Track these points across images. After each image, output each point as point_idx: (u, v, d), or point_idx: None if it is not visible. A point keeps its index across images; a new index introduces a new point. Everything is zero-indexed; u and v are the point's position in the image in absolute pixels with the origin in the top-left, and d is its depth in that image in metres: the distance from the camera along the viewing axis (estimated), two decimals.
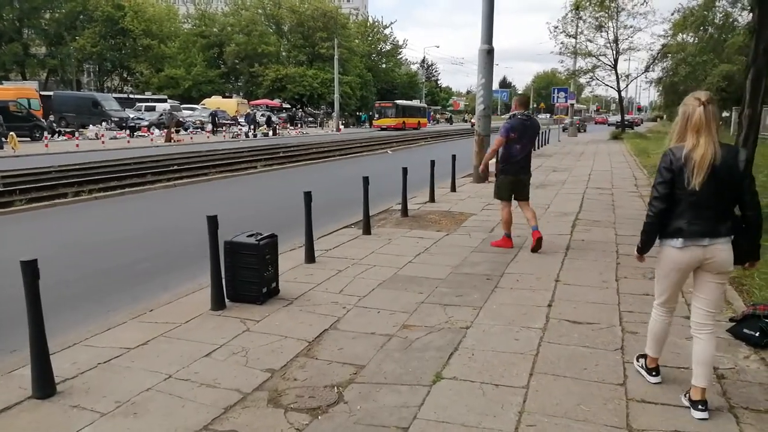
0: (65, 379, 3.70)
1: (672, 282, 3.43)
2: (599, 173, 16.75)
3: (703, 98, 3.18)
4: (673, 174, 3.20)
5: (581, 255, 6.95)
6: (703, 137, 3.12)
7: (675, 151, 3.22)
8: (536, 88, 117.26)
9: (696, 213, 3.20)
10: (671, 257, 3.33)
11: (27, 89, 37.27)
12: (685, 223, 3.23)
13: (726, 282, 3.45)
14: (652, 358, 3.68)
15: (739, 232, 3.26)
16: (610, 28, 35.97)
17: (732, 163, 3.15)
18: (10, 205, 10.95)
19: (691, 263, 3.28)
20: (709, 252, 3.22)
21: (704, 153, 3.10)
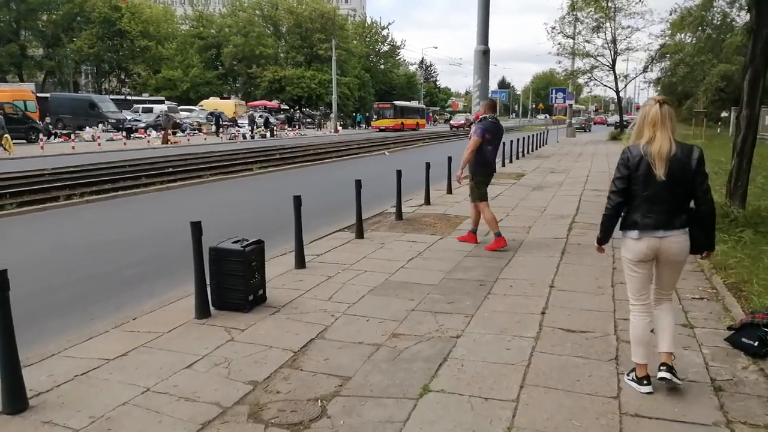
0: (39, 393, 3.57)
1: (637, 273, 3.59)
2: (597, 175, 16.63)
3: (659, 99, 3.46)
4: (629, 170, 3.45)
5: (577, 259, 6.83)
6: (659, 132, 3.36)
7: (632, 149, 3.46)
8: (535, 88, 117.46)
9: (650, 207, 3.43)
10: (629, 247, 3.56)
11: (23, 91, 37.10)
12: (639, 216, 3.47)
13: (680, 270, 3.66)
14: (640, 365, 3.60)
15: (694, 225, 3.49)
16: (607, 28, 35.90)
17: (685, 160, 3.37)
18: (0, 209, 10.80)
19: (649, 253, 3.50)
20: (665, 243, 3.46)
21: (661, 145, 3.33)
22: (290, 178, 17.16)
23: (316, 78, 61.17)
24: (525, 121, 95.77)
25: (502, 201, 11.53)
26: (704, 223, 3.50)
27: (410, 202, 11.01)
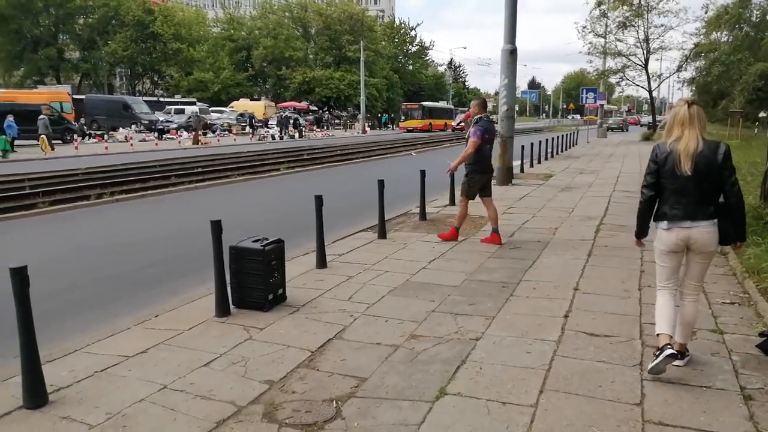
0: (59, 388, 3.62)
1: (667, 261, 3.81)
2: (628, 176, 16.29)
3: (689, 100, 3.71)
4: (658, 165, 3.72)
5: (603, 262, 6.67)
6: (687, 130, 3.58)
7: (660, 146, 3.73)
8: (565, 88, 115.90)
9: (677, 199, 3.66)
10: (660, 238, 3.78)
11: (60, 93, 38.04)
12: (668, 207, 3.71)
13: (709, 260, 3.80)
14: (663, 335, 3.72)
15: (722, 217, 3.66)
16: (639, 27, 35.20)
17: (711, 156, 3.55)
18: (32, 207, 11.08)
19: (679, 243, 3.70)
20: (692, 233, 3.65)
21: (688, 143, 3.56)
22: (317, 178, 17.22)
23: (345, 79, 61.39)
24: (555, 121, 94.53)
25: (529, 202, 11.37)
26: (733, 216, 3.65)
27: (435, 203, 10.93)
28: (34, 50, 59.56)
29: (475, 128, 7.42)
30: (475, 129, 7.41)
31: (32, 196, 12.15)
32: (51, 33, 60.66)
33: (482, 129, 7.40)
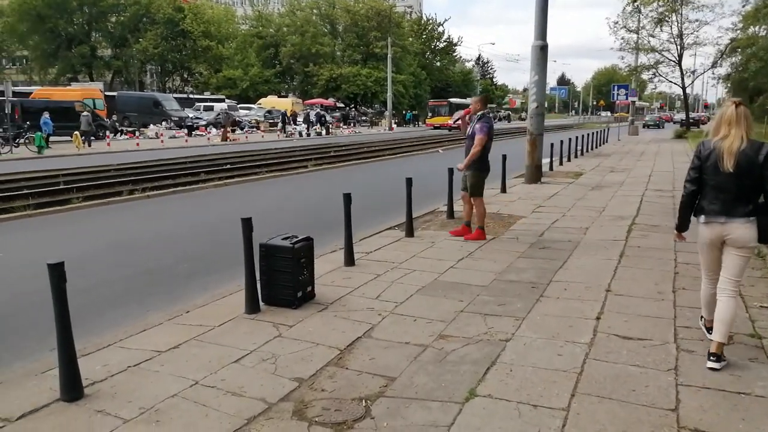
0: (94, 382, 3.69)
1: (706, 254, 4.03)
2: (660, 174, 15.99)
3: (736, 101, 3.84)
4: (701, 161, 3.86)
5: (636, 263, 6.55)
6: (733, 129, 3.72)
7: (705, 143, 3.88)
8: (596, 85, 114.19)
9: (716, 195, 3.81)
10: (699, 231, 3.98)
11: (92, 90, 38.85)
12: (707, 203, 3.87)
13: (747, 256, 3.87)
14: (708, 319, 4.18)
15: (762, 215, 3.76)
16: (673, 22, 34.41)
17: (753, 156, 3.66)
18: (67, 203, 11.33)
19: (714, 237, 3.88)
20: (727, 229, 3.80)
21: (732, 141, 3.70)
22: (344, 175, 17.27)
23: (371, 76, 61.40)
24: (584, 118, 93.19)
25: (558, 201, 11.23)
26: None
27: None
28: (68, 48, 60.94)
29: (482, 124, 7.37)
30: (482, 125, 7.35)
31: (67, 191, 12.45)
32: (84, 31, 61.95)
33: (489, 126, 7.43)
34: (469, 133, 7.51)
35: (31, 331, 4.98)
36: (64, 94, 35.33)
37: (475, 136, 7.36)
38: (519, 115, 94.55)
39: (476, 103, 7.62)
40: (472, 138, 7.41)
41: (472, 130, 7.44)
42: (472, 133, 7.43)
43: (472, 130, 7.44)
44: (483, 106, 7.60)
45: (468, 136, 7.55)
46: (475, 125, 7.41)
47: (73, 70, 61.75)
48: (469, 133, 7.50)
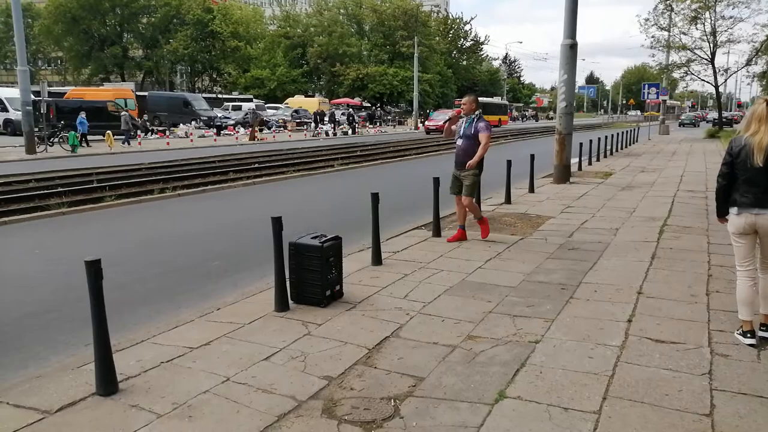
0: (128, 377, 3.76)
1: (739, 244, 4.21)
2: (693, 174, 15.68)
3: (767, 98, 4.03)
4: (732, 157, 4.08)
5: (669, 265, 6.44)
6: (764, 126, 3.93)
7: (736, 139, 4.10)
8: (625, 83, 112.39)
9: (747, 188, 4.05)
10: (732, 222, 4.22)
11: (124, 90, 39.65)
12: (739, 195, 4.11)
13: None
14: (745, 321, 4.21)
15: None
16: (706, 19, 33.67)
17: None
18: (100, 201, 11.58)
19: (746, 227, 4.12)
20: (759, 219, 4.05)
21: (762, 137, 3.91)
22: (370, 174, 17.31)
23: (398, 75, 61.43)
24: (614, 117, 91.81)
25: (587, 201, 11.10)
26: None
27: (490, 201, 10.81)
28: (101, 49, 62.29)
29: (485, 123, 7.29)
30: (486, 124, 7.28)
31: (100, 189, 12.72)
32: (116, 32, 63.26)
33: (490, 126, 7.40)
34: (462, 134, 7.31)
35: (66, 326, 5.11)
36: (96, 94, 36.13)
37: (472, 136, 7.20)
38: (546, 114, 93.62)
39: (471, 102, 7.35)
40: (470, 138, 7.22)
41: (473, 130, 7.21)
42: (472, 133, 7.21)
43: (473, 130, 7.21)
44: (477, 106, 7.39)
45: (462, 136, 7.31)
46: (475, 125, 7.22)
47: (105, 71, 63.14)
48: (464, 134, 7.29)
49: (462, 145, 7.31)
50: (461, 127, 7.37)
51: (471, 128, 7.23)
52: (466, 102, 7.40)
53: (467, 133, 7.26)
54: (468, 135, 7.25)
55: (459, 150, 7.35)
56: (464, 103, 7.40)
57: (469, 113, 7.34)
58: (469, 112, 7.33)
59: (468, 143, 7.25)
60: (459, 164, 7.33)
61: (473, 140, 7.20)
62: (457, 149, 7.39)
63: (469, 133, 7.24)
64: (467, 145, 7.25)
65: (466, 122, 7.34)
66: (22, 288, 6.32)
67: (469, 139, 7.24)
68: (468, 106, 7.34)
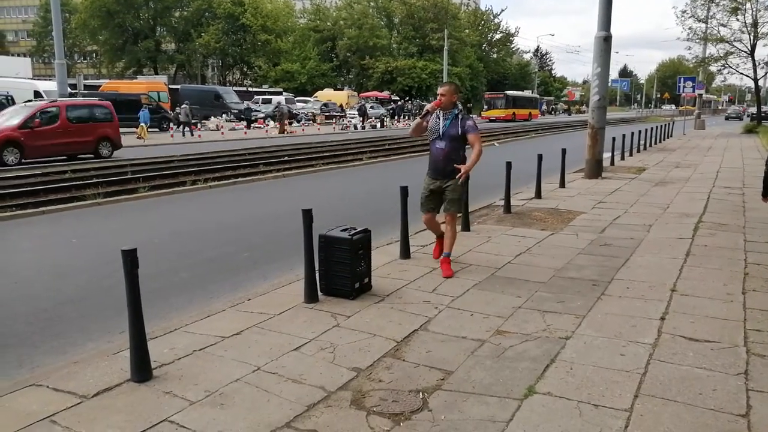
0: (162, 365, 3.84)
1: None
2: (729, 170, 15.28)
3: None
4: None
5: (703, 262, 6.30)
6: None
7: None
8: (660, 77, 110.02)
9: None
10: None
11: (157, 83, 40.28)
12: None
13: None
14: None
15: None
16: (747, 10, 32.69)
17: None
18: (134, 192, 11.82)
19: None
20: None
21: None
22: (399, 168, 17.28)
23: (427, 68, 61.16)
24: (648, 111, 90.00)
25: (620, 197, 10.92)
26: None
27: (520, 196, 10.71)
28: (134, 43, 63.41)
29: (474, 120, 5.98)
30: (474, 121, 5.96)
31: (133, 181, 12.97)
32: (150, 26, 64.29)
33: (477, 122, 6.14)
34: (442, 133, 5.77)
35: (103, 313, 5.23)
36: (130, 87, 36.77)
37: (459, 137, 5.76)
38: (578, 108, 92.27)
39: (450, 93, 5.80)
40: (456, 139, 5.77)
41: (459, 129, 5.76)
42: (459, 133, 5.76)
43: (459, 129, 5.76)
44: (456, 95, 5.92)
45: (444, 137, 5.77)
46: (461, 123, 5.77)
47: (138, 64, 64.24)
48: (446, 134, 5.77)
49: (444, 149, 5.77)
50: (439, 125, 5.81)
51: (456, 127, 5.75)
52: (445, 92, 5.81)
53: (451, 133, 5.75)
54: (452, 135, 5.75)
55: (439, 154, 5.81)
56: (442, 93, 5.82)
57: (448, 107, 5.83)
58: (449, 106, 5.83)
59: (452, 146, 5.76)
60: (441, 173, 5.82)
61: (459, 142, 5.79)
62: (436, 153, 5.84)
63: (453, 133, 5.75)
64: (451, 148, 5.76)
65: (444, 119, 5.81)
66: (60, 276, 6.50)
67: (454, 141, 5.77)
68: (448, 97, 5.80)
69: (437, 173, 5.88)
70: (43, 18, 72.29)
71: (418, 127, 6.00)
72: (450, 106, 5.82)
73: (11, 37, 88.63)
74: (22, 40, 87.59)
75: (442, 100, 5.76)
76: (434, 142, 5.85)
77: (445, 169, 5.79)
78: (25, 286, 6.11)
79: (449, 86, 5.89)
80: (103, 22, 61.46)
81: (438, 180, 5.88)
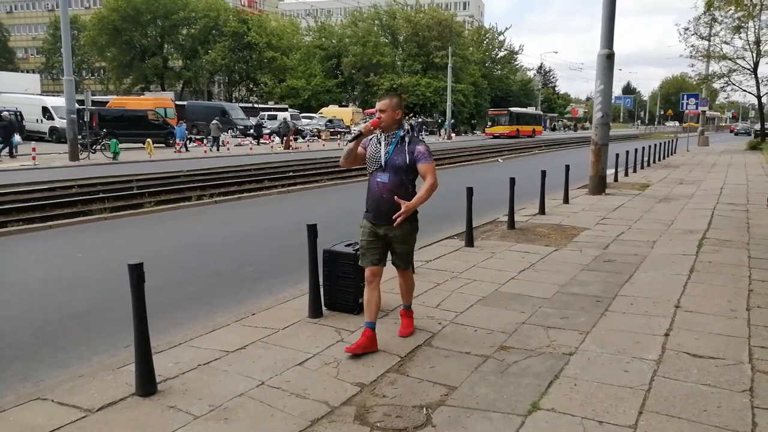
0: (166, 379, 3.86)
1: None
2: (733, 187, 15.28)
3: None
4: None
5: (708, 279, 6.29)
6: None
7: None
8: (664, 94, 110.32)
9: None
10: None
11: (164, 99, 40.67)
12: None
13: None
14: None
15: None
16: (750, 28, 32.85)
17: None
18: (140, 207, 11.89)
19: None
20: None
21: None
22: None
23: (431, 86, 61.53)
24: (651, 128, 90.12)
25: (623, 213, 10.92)
26: None
27: (523, 211, 10.73)
28: (142, 59, 64.08)
29: (425, 145, 4.32)
30: (426, 146, 4.31)
31: (140, 196, 13.06)
32: (157, 43, 65.00)
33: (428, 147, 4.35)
34: (385, 162, 4.24)
35: (107, 328, 5.26)
36: (137, 103, 37.12)
37: (406, 167, 4.22)
38: (582, 124, 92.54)
39: (392, 109, 4.25)
40: (403, 170, 4.22)
41: (407, 157, 4.21)
42: (406, 163, 4.21)
43: (407, 157, 4.21)
44: (400, 111, 4.32)
45: (387, 168, 4.23)
46: (410, 149, 4.23)
47: (146, 80, 64.86)
48: (390, 163, 4.23)
49: (388, 183, 4.23)
50: (379, 152, 4.29)
51: (402, 155, 4.23)
52: (384, 107, 4.25)
53: (395, 163, 4.22)
54: (397, 166, 4.22)
55: (381, 190, 4.26)
56: (381, 109, 4.26)
57: (390, 127, 4.29)
58: (391, 126, 4.29)
59: (397, 180, 4.23)
60: (383, 216, 4.27)
61: (407, 174, 4.25)
62: (377, 190, 4.30)
63: (398, 162, 4.22)
64: (396, 183, 4.22)
65: (387, 143, 4.29)
66: (65, 289, 6.53)
67: (401, 174, 4.23)
68: (389, 114, 4.24)
69: (379, 217, 4.30)
70: (52, 35, 73.32)
71: (350, 155, 4.36)
72: (393, 126, 4.29)
73: (21, 53, 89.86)
74: (31, 56, 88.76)
75: (382, 117, 4.23)
76: (374, 174, 4.32)
77: (390, 211, 4.18)
78: (32, 300, 6.15)
79: (389, 99, 4.30)
80: (110, 39, 62.21)
81: (381, 224, 4.32)
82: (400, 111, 4.32)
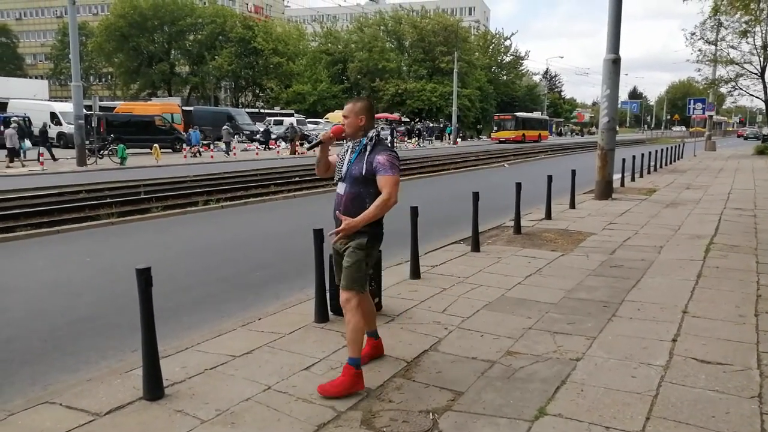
0: (173, 383, 3.87)
1: None
2: (741, 192, 15.21)
3: None
4: None
5: (715, 284, 6.27)
6: None
7: None
8: (670, 98, 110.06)
9: None
10: None
11: (171, 105, 40.88)
12: None
13: None
14: None
15: None
16: (757, 33, 32.74)
17: None
18: (148, 212, 11.95)
19: None
20: None
21: None
22: (408, 188, 17.33)
23: (436, 91, 61.62)
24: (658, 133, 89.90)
25: (630, 218, 10.89)
26: None
27: (530, 216, 10.71)
28: (149, 65, 64.53)
29: (390, 154, 3.81)
30: (391, 156, 3.79)
31: (147, 201, 13.12)
32: (164, 49, 65.45)
33: (396, 156, 3.86)
34: (344, 173, 3.88)
35: (115, 332, 5.28)
36: (144, 109, 37.36)
37: (363, 178, 3.78)
38: (588, 129, 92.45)
39: (356, 115, 3.84)
40: (360, 181, 3.79)
41: (364, 167, 3.76)
42: (362, 173, 3.76)
43: (364, 167, 3.76)
44: (372, 120, 3.93)
45: (345, 179, 3.87)
46: (369, 158, 3.77)
47: (153, 86, 65.30)
48: (348, 174, 3.85)
49: (344, 195, 3.88)
50: (343, 162, 3.94)
51: (361, 164, 3.79)
52: (348, 112, 3.88)
53: (353, 173, 3.82)
54: (354, 177, 3.82)
55: (339, 202, 3.93)
56: (345, 114, 3.91)
57: (355, 134, 3.89)
58: (356, 133, 3.88)
59: (355, 191, 3.82)
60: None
61: (365, 186, 3.80)
62: (336, 201, 3.98)
63: (356, 172, 3.80)
64: (352, 194, 3.83)
65: (351, 152, 3.91)
66: (74, 294, 6.57)
67: (358, 185, 3.81)
68: (352, 120, 3.86)
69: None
70: (60, 41, 73.93)
71: (318, 163, 4.12)
72: (358, 133, 3.86)
73: (30, 60, 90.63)
74: (40, 62, 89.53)
75: (346, 123, 3.88)
76: (337, 185, 3.96)
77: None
78: (40, 304, 6.19)
79: (352, 104, 3.90)
80: (118, 45, 62.70)
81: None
82: (364, 116, 3.85)
